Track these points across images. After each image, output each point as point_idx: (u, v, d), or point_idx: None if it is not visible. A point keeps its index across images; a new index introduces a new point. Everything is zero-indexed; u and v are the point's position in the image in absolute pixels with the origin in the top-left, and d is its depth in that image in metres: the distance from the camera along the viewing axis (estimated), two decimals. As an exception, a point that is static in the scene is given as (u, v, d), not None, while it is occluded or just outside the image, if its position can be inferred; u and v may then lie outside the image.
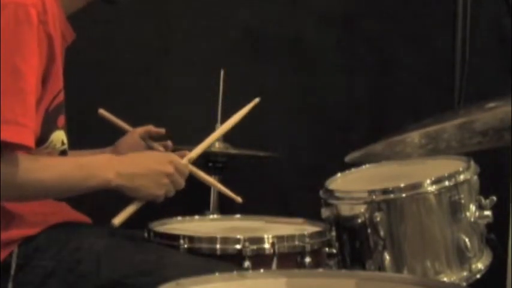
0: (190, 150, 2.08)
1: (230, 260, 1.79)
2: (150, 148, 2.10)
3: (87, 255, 1.74)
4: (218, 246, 1.82)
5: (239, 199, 1.99)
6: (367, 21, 2.99)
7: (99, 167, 1.76)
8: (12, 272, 1.72)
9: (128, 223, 1.92)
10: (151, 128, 2.12)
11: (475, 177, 1.90)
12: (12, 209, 1.75)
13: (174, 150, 2.09)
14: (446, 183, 1.84)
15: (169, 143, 2.11)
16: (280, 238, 1.84)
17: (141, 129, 2.13)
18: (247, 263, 1.79)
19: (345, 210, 1.92)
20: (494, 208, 1.88)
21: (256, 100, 2.03)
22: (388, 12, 2.98)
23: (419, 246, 1.85)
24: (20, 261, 1.73)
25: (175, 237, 1.85)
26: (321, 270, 1.73)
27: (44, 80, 1.71)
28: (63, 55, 1.84)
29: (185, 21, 2.93)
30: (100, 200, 2.62)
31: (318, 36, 2.99)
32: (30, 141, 1.64)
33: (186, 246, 1.82)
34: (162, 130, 2.12)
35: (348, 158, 1.94)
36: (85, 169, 1.74)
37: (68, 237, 1.79)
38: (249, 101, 2.04)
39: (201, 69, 2.91)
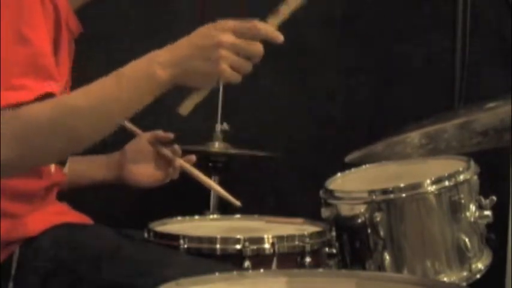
0: (187, 152, 2.07)
1: (230, 260, 1.79)
2: (159, 153, 2.09)
3: (87, 256, 1.74)
4: (218, 246, 1.82)
5: (238, 203, 1.98)
6: (367, 21, 2.99)
7: (138, 70, 1.52)
8: (13, 272, 1.72)
9: (128, 223, 1.93)
10: (159, 133, 2.10)
11: (475, 177, 1.90)
12: (15, 210, 1.74)
13: (183, 155, 2.09)
14: (446, 183, 1.84)
15: (177, 147, 2.09)
16: (280, 238, 1.84)
17: (149, 134, 2.11)
18: (247, 263, 1.79)
19: (345, 210, 1.92)
20: (494, 208, 1.88)
21: None
22: (388, 12, 2.97)
23: (419, 246, 1.85)
24: (21, 262, 1.73)
25: (175, 237, 1.85)
26: (321, 270, 1.73)
27: (55, 51, 1.64)
28: (71, 48, 1.82)
29: (185, 22, 2.93)
30: (100, 200, 2.63)
31: (318, 36, 2.99)
32: (52, 88, 1.52)
33: (186, 246, 1.82)
34: (171, 135, 2.09)
35: (348, 158, 1.95)
36: (124, 78, 1.52)
37: (69, 237, 1.78)
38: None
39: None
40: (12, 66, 1.51)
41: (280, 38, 1.58)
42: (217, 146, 2.56)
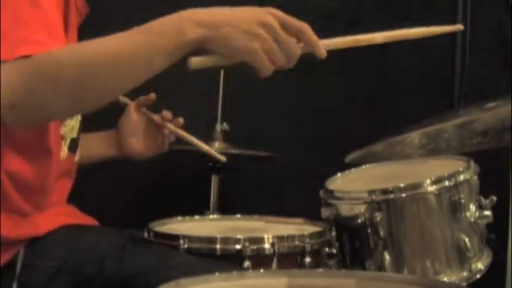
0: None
1: (230, 260, 1.79)
2: (149, 119, 2.08)
3: (91, 256, 1.74)
4: (218, 246, 1.82)
5: (223, 158, 1.97)
6: (367, 21, 2.99)
7: (168, 24, 1.43)
8: (18, 271, 1.72)
9: (127, 223, 1.93)
10: (141, 98, 2.10)
11: (475, 177, 1.90)
12: (22, 209, 1.75)
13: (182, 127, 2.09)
14: (446, 183, 1.84)
15: (167, 113, 2.09)
16: (280, 238, 1.84)
17: (133, 104, 2.11)
18: (247, 263, 1.79)
19: (345, 210, 1.92)
20: (494, 208, 1.88)
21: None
22: (388, 12, 2.97)
23: (419, 246, 1.85)
24: (25, 261, 1.73)
25: (175, 237, 1.85)
26: (321, 270, 1.73)
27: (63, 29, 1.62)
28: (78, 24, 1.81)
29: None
30: (101, 200, 2.62)
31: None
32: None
33: (186, 246, 1.82)
34: (152, 95, 2.08)
35: (348, 158, 1.95)
36: (151, 29, 1.43)
37: (73, 238, 1.79)
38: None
39: (201, 69, 2.91)
40: (28, 25, 1.47)
41: (323, 54, 1.55)
42: (217, 146, 2.56)
